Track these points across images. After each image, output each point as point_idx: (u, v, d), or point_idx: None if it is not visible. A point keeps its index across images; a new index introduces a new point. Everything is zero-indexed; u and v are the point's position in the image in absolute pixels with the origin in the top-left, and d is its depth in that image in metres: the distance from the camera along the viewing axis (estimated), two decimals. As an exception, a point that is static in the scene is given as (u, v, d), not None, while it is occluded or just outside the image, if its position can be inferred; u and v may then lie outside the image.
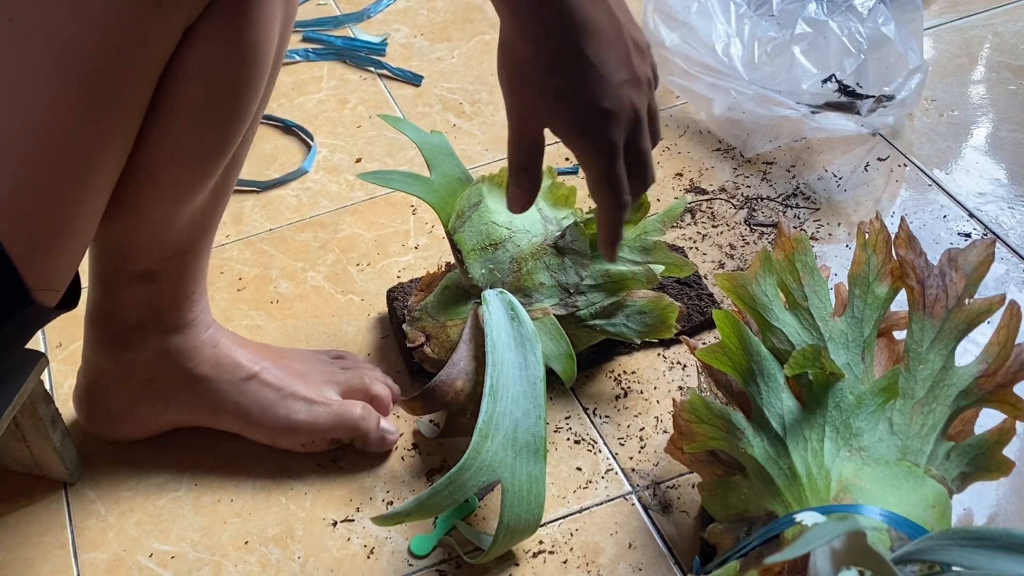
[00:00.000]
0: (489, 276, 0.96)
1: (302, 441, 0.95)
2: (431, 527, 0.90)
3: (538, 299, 0.95)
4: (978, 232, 1.12)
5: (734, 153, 1.26)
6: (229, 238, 1.21)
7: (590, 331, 0.97)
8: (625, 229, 0.91)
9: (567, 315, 0.95)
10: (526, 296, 0.95)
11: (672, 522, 0.90)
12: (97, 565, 0.91)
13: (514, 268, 0.96)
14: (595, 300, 0.96)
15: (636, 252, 0.97)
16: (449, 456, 0.96)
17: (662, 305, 0.97)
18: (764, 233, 1.15)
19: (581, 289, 0.95)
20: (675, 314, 0.96)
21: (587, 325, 0.96)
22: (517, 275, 0.95)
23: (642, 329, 0.97)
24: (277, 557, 0.90)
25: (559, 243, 0.96)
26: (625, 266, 0.96)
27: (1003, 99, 1.30)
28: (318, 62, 1.47)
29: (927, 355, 0.78)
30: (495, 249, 0.97)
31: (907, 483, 0.73)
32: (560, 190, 1.01)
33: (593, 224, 0.95)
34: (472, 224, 0.98)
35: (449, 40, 1.49)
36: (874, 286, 0.80)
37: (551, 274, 0.95)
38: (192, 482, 0.97)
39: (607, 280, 0.96)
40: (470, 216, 0.98)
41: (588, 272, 0.96)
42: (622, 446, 0.96)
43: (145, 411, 0.95)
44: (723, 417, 0.79)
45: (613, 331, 0.97)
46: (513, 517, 0.83)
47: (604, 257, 0.72)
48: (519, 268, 0.96)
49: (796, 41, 1.24)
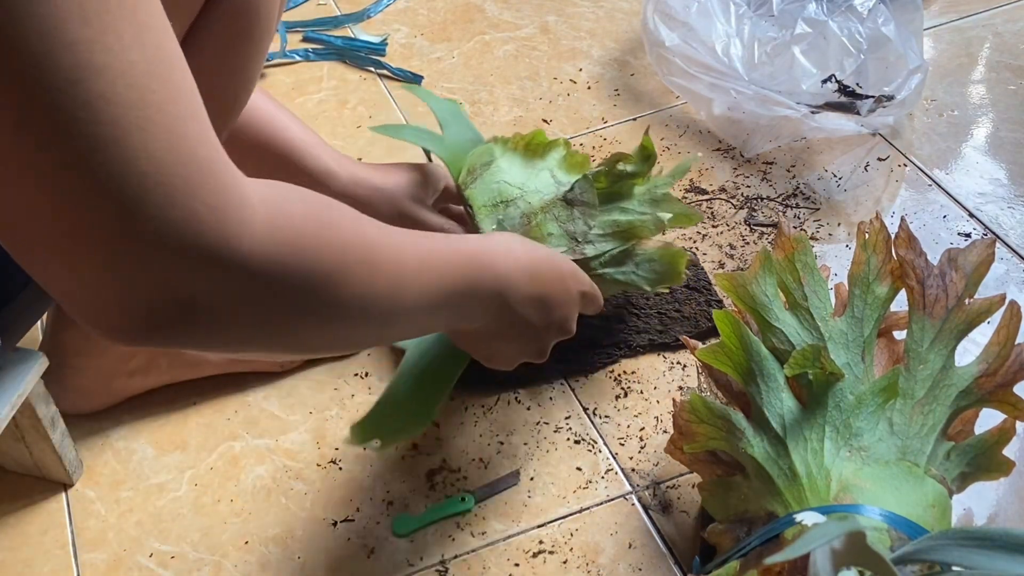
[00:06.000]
0: (499, 230, 0.96)
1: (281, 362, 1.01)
2: (421, 508, 0.91)
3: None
4: (978, 232, 1.12)
5: (734, 153, 1.26)
6: (229, 238, 1.21)
7: (601, 281, 0.96)
8: (635, 184, 0.97)
9: (576, 262, 0.95)
10: None
11: (672, 522, 0.90)
12: (97, 565, 0.91)
13: (524, 221, 0.96)
14: (604, 248, 0.95)
15: (645, 204, 0.96)
16: (449, 456, 0.96)
17: (671, 252, 0.96)
18: (764, 233, 1.15)
19: (589, 238, 0.95)
20: (684, 260, 0.96)
21: (597, 274, 0.96)
22: (527, 228, 0.95)
23: (652, 276, 0.97)
24: (277, 557, 0.90)
25: (568, 196, 0.96)
26: (634, 216, 0.96)
27: (1003, 99, 1.30)
28: (318, 62, 1.47)
29: (927, 355, 0.78)
30: (506, 206, 0.97)
31: (907, 483, 0.73)
32: (575, 158, 1.01)
33: (601, 177, 0.96)
34: (484, 181, 0.98)
35: (449, 40, 1.49)
36: (874, 286, 0.80)
37: (560, 224, 0.95)
38: (192, 482, 0.97)
39: (616, 229, 0.95)
40: (481, 174, 0.98)
41: (596, 222, 0.96)
42: (622, 446, 0.96)
43: (122, 383, 0.97)
44: (723, 417, 0.79)
45: (623, 279, 0.97)
46: (402, 388, 0.84)
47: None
48: (528, 221, 0.96)
49: (796, 41, 1.24)
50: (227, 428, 1.00)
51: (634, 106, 1.34)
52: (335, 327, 0.60)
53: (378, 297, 0.60)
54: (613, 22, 1.48)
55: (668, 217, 0.95)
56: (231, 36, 0.77)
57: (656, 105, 1.34)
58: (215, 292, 0.50)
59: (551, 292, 0.78)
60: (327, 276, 0.55)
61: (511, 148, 1.01)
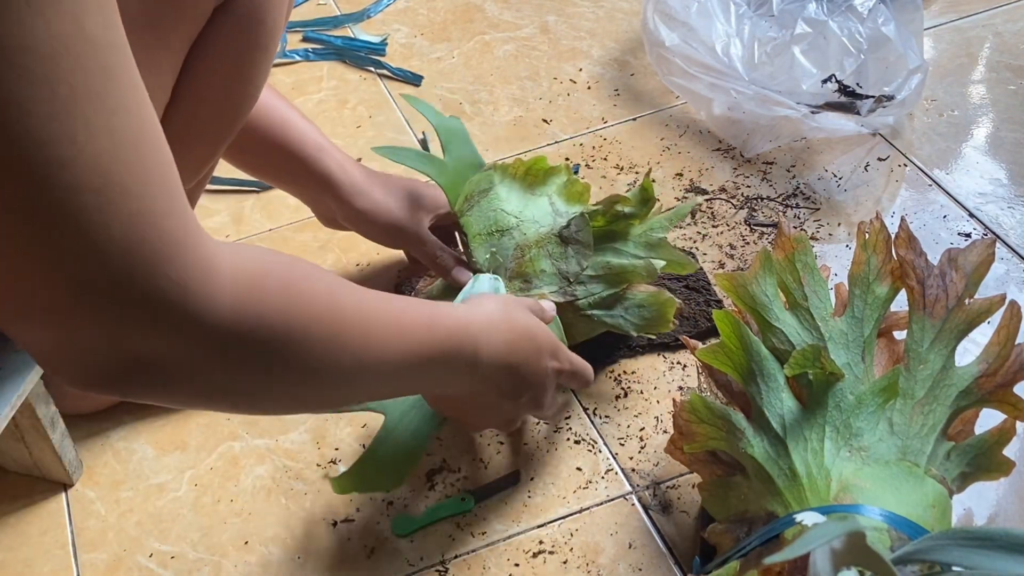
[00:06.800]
0: (492, 260, 0.96)
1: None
2: (420, 509, 0.91)
3: (537, 285, 0.95)
4: (978, 232, 1.12)
5: (734, 153, 1.26)
6: (229, 238, 1.21)
7: (588, 321, 0.97)
8: (632, 225, 0.96)
9: (566, 303, 0.95)
10: (526, 281, 0.95)
11: (672, 522, 0.90)
12: (97, 565, 0.91)
13: (517, 255, 0.96)
14: (595, 290, 0.96)
15: (640, 247, 0.96)
16: (449, 456, 0.96)
17: (661, 299, 0.96)
18: (764, 233, 1.15)
19: (581, 279, 0.95)
20: (673, 309, 0.96)
21: (585, 315, 0.96)
22: (519, 261, 0.96)
23: (640, 322, 0.97)
24: (277, 557, 0.90)
25: (564, 232, 0.96)
26: (627, 259, 0.96)
27: (1003, 99, 1.30)
28: (318, 62, 1.47)
29: (927, 355, 0.78)
30: (501, 236, 0.97)
31: (907, 483, 0.73)
32: (575, 187, 1.01)
33: (599, 216, 0.96)
34: (480, 209, 0.98)
35: (449, 40, 1.48)
36: (874, 286, 0.80)
37: (553, 262, 0.95)
38: (192, 482, 0.97)
39: (608, 272, 0.96)
40: (478, 201, 0.98)
41: (589, 263, 0.96)
42: (622, 446, 0.96)
43: None
44: (723, 417, 0.79)
45: (611, 322, 0.97)
46: (381, 452, 0.86)
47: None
48: (522, 255, 0.96)
49: (796, 41, 1.24)
50: (227, 428, 1.00)
51: (634, 106, 1.34)
52: (297, 395, 0.62)
53: (342, 373, 0.61)
54: (613, 22, 1.48)
55: (661, 264, 0.95)
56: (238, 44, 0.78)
57: (656, 105, 1.34)
58: (178, 359, 0.51)
59: (526, 373, 0.79)
60: (291, 351, 0.57)
61: (511, 175, 1.01)
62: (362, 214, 1.01)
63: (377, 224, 1.01)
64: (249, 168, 1.03)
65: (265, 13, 0.78)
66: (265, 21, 0.79)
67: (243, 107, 0.83)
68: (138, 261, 0.46)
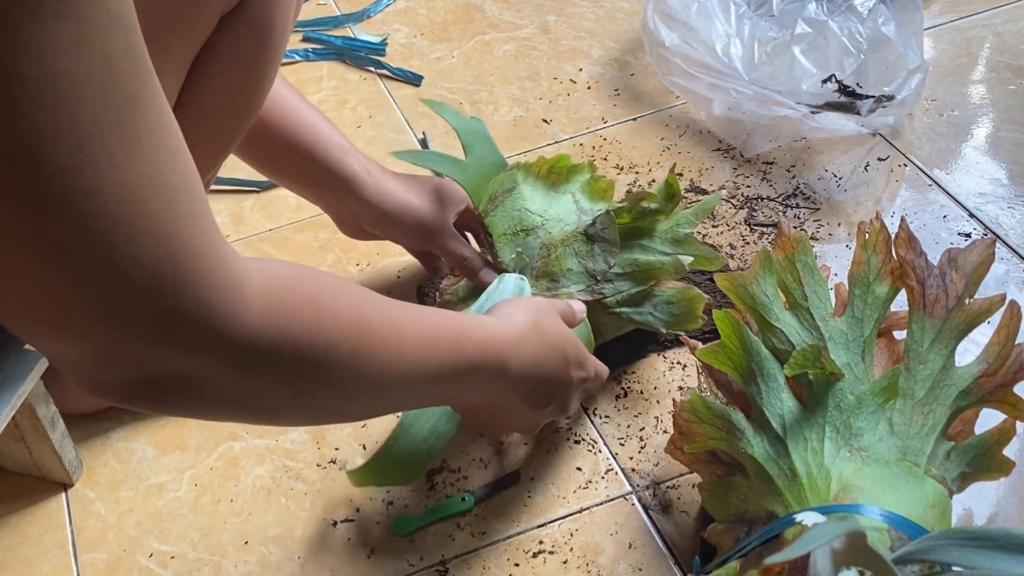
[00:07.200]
0: (518, 260, 0.96)
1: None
2: (420, 508, 0.91)
3: (565, 284, 0.95)
4: (978, 232, 1.12)
5: (734, 153, 1.26)
6: (229, 238, 1.21)
7: (617, 319, 0.96)
8: (658, 221, 0.96)
9: (593, 302, 0.95)
10: (553, 281, 0.95)
11: (672, 522, 0.90)
12: (97, 565, 0.91)
13: (543, 254, 0.96)
14: (622, 288, 0.95)
15: (667, 244, 0.96)
16: (449, 456, 0.96)
17: (689, 296, 0.96)
18: (764, 233, 1.15)
19: (608, 277, 0.95)
20: (702, 305, 0.95)
21: (614, 313, 0.96)
22: (546, 260, 0.95)
23: (668, 319, 0.96)
24: (277, 557, 0.90)
25: (589, 231, 0.95)
26: (654, 256, 0.96)
27: (1003, 99, 1.30)
28: (318, 62, 1.47)
29: (927, 355, 0.78)
30: (526, 235, 0.97)
31: (907, 483, 0.73)
32: (599, 184, 1.00)
33: (624, 213, 0.96)
34: (504, 209, 0.98)
35: (449, 40, 1.49)
36: (874, 286, 0.80)
37: (579, 260, 0.95)
38: (192, 482, 0.97)
39: (635, 269, 0.95)
40: (503, 201, 0.98)
41: (616, 260, 0.95)
42: (622, 446, 0.96)
43: None
44: (723, 417, 0.79)
45: (640, 319, 0.96)
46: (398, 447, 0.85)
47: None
48: (548, 254, 0.96)
49: (796, 41, 1.24)
50: (227, 428, 1.00)
51: (634, 106, 1.34)
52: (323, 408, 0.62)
53: (369, 387, 0.62)
54: (613, 22, 1.48)
55: (689, 260, 0.95)
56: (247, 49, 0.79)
57: (656, 105, 1.34)
58: (204, 376, 0.52)
59: (553, 385, 0.79)
60: (317, 366, 0.57)
61: (534, 173, 1.01)
62: (389, 215, 1.00)
63: (404, 224, 1.01)
64: (273, 173, 1.03)
65: (274, 19, 0.78)
66: (274, 27, 0.79)
67: (250, 111, 0.84)
68: (165, 281, 0.47)
